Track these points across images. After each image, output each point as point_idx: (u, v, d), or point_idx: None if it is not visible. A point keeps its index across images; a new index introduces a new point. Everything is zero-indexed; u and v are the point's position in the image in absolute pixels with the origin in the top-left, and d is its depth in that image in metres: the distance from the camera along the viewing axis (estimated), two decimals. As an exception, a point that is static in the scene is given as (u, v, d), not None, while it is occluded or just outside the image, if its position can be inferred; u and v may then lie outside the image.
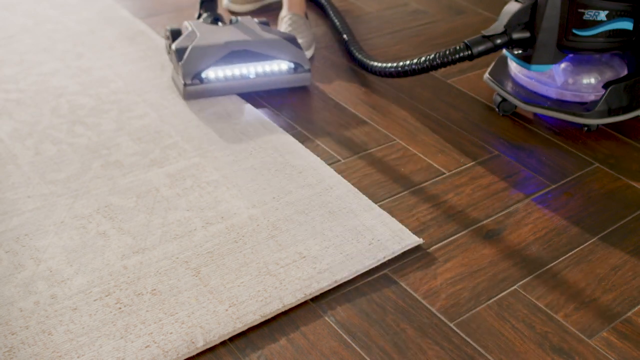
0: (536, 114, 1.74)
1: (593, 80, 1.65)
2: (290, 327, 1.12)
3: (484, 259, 1.28)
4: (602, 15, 1.55)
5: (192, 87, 1.68)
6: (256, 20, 1.88)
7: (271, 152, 1.53)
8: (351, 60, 1.96)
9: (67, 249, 1.24)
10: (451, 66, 1.88)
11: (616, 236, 1.35)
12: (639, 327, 1.15)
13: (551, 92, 1.67)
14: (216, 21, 1.83)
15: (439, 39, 2.14)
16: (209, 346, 1.08)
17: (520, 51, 1.64)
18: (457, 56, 1.61)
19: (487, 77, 1.77)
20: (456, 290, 1.21)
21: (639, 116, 1.72)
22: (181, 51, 1.69)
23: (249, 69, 1.73)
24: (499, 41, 1.60)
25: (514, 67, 1.74)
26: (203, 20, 1.84)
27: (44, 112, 1.64)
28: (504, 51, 1.75)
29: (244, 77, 1.73)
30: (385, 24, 2.22)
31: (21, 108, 1.65)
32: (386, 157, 1.56)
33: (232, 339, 1.10)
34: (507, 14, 1.60)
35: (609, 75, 1.66)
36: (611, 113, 1.62)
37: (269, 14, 2.22)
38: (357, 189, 1.43)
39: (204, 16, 1.85)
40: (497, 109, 1.74)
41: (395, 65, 1.70)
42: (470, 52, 1.60)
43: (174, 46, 1.72)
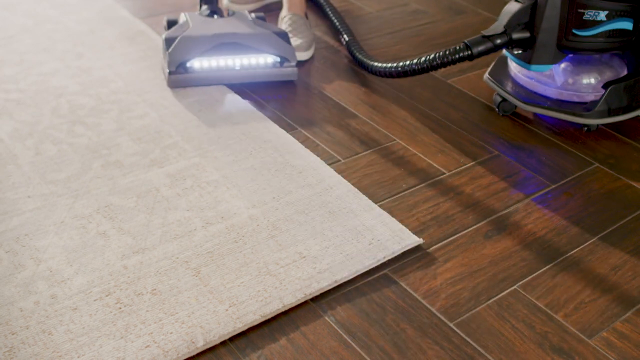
0: (536, 114, 1.74)
1: (593, 80, 1.65)
2: (290, 327, 1.13)
3: (484, 259, 1.28)
4: (602, 15, 1.55)
5: (176, 75, 1.74)
6: (253, 14, 1.91)
7: (271, 152, 1.53)
8: (352, 60, 1.97)
9: (67, 249, 1.24)
10: (451, 66, 1.89)
11: (616, 236, 1.35)
12: (639, 327, 1.15)
13: (551, 92, 1.67)
14: (212, 14, 1.86)
15: (439, 39, 2.14)
16: (209, 346, 1.08)
17: (520, 51, 1.64)
18: (457, 56, 1.61)
19: (487, 77, 1.77)
20: (456, 290, 1.21)
21: (639, 116, 1.72)
22: (170, 40, 1.74)
23: (234, 60, 1.77)
24: (498, 41, 1.60)
25: (513, 67, 1.74)
26: (200, 12, 1.88)
27: (44, 112, 1.64)
28: (504, 51, 1.75)
29: (229, 69, 1.77)
30: (385, 24, 2.22)
31: (21, 108, 1.65)
32: (386, 157, 1.56)
33: (232, 338, 1.10)
34: (507, 14, 1.60)
35: (609, 75, 1.66)
36: (611, 113, 1.62)
37: (269, 14, 2.22)
38: (357, 189, 1.43)
39: (202, 9, 1.89)
40: (497, 109, 1.74)
41: (395, 65, 1.70)
42: (470, 52, 1.60)
43: (164, 35, 1.77)
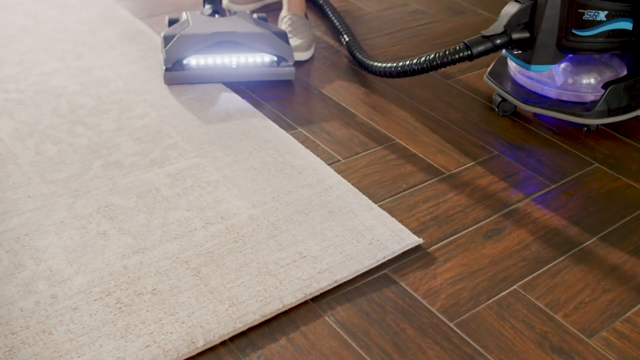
0: (536, 114, 1.74)
1: (593, 81, 1.65)
2: (290, 327, 1.13)
3: (483, 259, 1.28)
4: (602, 15, 1.55)
5: (172, 72, 1.76)
6: (255, 15, 1.92)
7: (271, 152, 1.53)
8: (352, 60, 1.97)
9: (68, 249, 1.24)
10: (451, 66, 1.89)
11: (616, 236, 1.35)
12: (638, 327, 1.15)
13: (551, 92, 1.67)
14: (214, 14, 1.87)
15: (439, 39, 2.14)
16: (209, 346, 1.08)
17: (520, 51, 1.64)
18: (457, 56, 1.61)
19: (487, 77, 1.77)
20: (456, 290, 1.21)
21: (638, 116, 1.72)
22: (168, 38, 1.76)
23: (231, 59, 1.77)
24: (498, 41, 1.60)
25: (513, 67, 1.74)
26: (202, 12, 1.89)
27: (44, 112, 1.64)
28: (504, 51, 1.75)
29: (225, 67, 1.78)
30: (385, 24, 2.22)
31: (21, 108, 1.65)
32: (386, 157, 1.56)
33: (233, 338, 1.10)
34: (507, 14, 1.60)
35: (609, 76, 1.66)
36: (611, 113, 1.62)
37: (269, 14, 2.22)
38: (357, 189, 1.43)
39: (205, 8, 1.90)
40: (497, 109, 1.74)
41: (395, 65, 1.70)
42: (470, 52, 1.60)
43: (163, 33, 1.78)
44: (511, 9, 1.60)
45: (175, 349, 1.06)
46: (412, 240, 1.29)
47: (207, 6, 1.89)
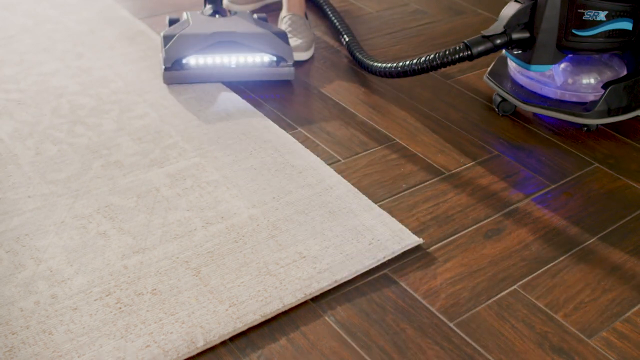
0: (536, 114, 1.74)
1: (592, 81, 1.65)
2: (290, 327, 1.13)
3: (483, 259, 1.28)
4: (602, 15, 1.55)
5: (171, 72, 1.76)
6: (255, 15, 1.92)
7: (271, 152, 1.53)
8: (352, 60, 1.97)
9: (68, 249, 1.24)
10: (451, 66, 1.89)
11: (616, 236, 1.35)
12: (638, 327, 1.15)
13: (551, 92, 1.67)
14: (215, 14, 1.87)
15: (439, 39, 2.14)
16: (209, 346, 1.08)
17: (520, 51, 1.64)
18: (457, 56, 1.61)
19: (486, 77, 1.77)
20: (456, 290, 1.21)
21: (638, 116, 1.72)
22: (168, 38, 1.76)
23: (230, 58, 1.78)
24: (498, 41, 1.60)
25: (513, 67, 1.74)
26: (203, 12, 1.89)
27: (44, 112, 1.64)
28: (504, 51, 1.75)
29: (224, 66, 1.78)
30: (385, 24, 2.22)
31: (22, 108, 1.65)
32: (386, 157, 1.56)
33: (233, 338, 1.10)
34: (507, 14, 1.60)
35: (609, 76, 1.66)
36: (610, 113, 1.62)
37: (269, 14, 2.22)
38: (357, 189, 1.43)
39: (206, 8, 1.90)
40: (496, 109, 1.74)
41: (395, 65, 1.70)
42: (470, 52, 1.60)
43: (163, 33, 1.79)
44: (511, 9, 1.60)
45: (175, 349, 1.06)
46: (412, 240, 1.30)
47: (208, 6, 1.90)
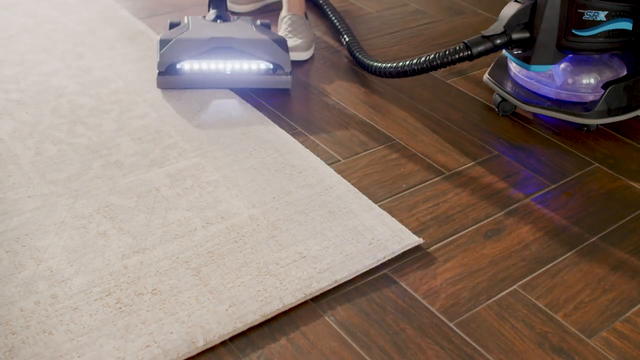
0: (536, 114, 1.74)
1: (592, 81, 1.65)
2: (290, 327, 1.13)
3: (483, 259, 1.28)
4: (602, 15, 1.55)
5: (165, 76, 1.74)
6: (258, 21, 1.89)
7: (271, 152, 1.53)
8: (352, 60, 1.97)
9: (68, 249, 1.24)
10: (451, 66, 1.89)
11: (616, 236, 1.35)
12: (638, 327, 1.15)
13: (551, 92, 1.67)
14: (217, 19, 1.85)
15: (439, 39, 2.14)
16: (209, 346, 1.08)
17: (519, 51, 1.64)
18: (457, 56, 1.61)
19: (486, 78, 1.77)
20: (456, 290, 1.21)
21: (638, 116, 1.72)
22: (164, 42, 1.74)
23: (225, 65, 1.75)
24: (498, 41, 1.60)
25: (513, 67, 1.74)
26: (205, 16, 1.86)
27: (44, 112, 1.64)
28: (504, 51, 1.75)
29: (219, 73, 1.76)
30: (385, 24, 2.22)
31: (22, 108, 1.65)
32: (386, 157, 1.56)
33: (233, 338, 1.10)
34: (507, 14, 1.60)
35: (609, 76, 1.66)
36: (610, 113, 1.62)
37: (269, 14, 2.22)
38: (357, 189, 1.43)
39: (209, 13, 1.88)
40: (496, 109, 1.74)
41: (395, 65, 1.70)
42: (470, 52, 1.60)
43: (159, 36, 1.77)
44: (511, 9, 1.60)
45: (175, 349, 1.06)
46: (412, 240, 1.30)
47: (212, 11, 1.87)
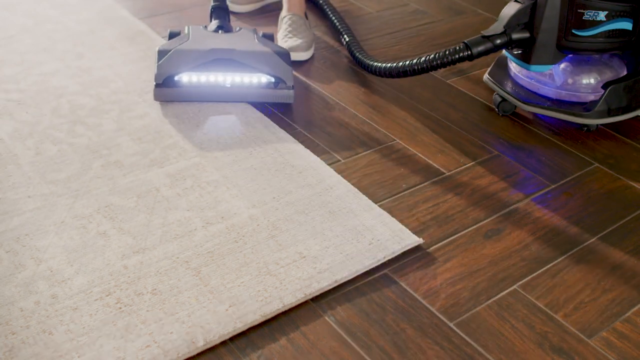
0: (536, 114, 1.74)
1: (592, 81, 1.65)
2: (291, 327, 1.13)
3: (483, 259, 1.28)
4: (602, 15, 1.55)
5: (162, 88, 1.68)
6: (260, 32, 1.84)
7: (271, 152, 1.53)
8: (352, 60, 1.97)
9: (68, 249, 1.24)
10: (451, 66, 1.89)
11: (616, 236, 1.35)
12: (638, 327, 1.15)
13: (551, 92, 1.67)
14: (218, 30, 1.78)
15: (439, 39, 2.14)
16: (209, 346, 1.08)
17: (519, 51, 1.64)
18: (457, 56, 1.61)
19: (486, 78, 1.77)
20: (456, 290, 1.21)
21: (638, 116, 1.72)
22: (162, 53, 1.67)
23: (225, 77, 1.69)
24: (498, 41, 1.60)
25: (513, 67, 1.74)
26: (206, 26, 1.81)
27: (44, 112, 1.64)
28: (504, 51, 1.75)
29: (219, 86, 1.69)
30: (385, 24, 2.22)
31: (22, 108, 1.65)
32: (386, 157, 1.56)
33: (233, 338, 1.10)
34: (507, 14, 1.60)
35: (609, 76, 1.66)
36: (610, 113, 1.62)
37: (269, 14, 2.22)
38: (357, 189, 1.43)
39: (211, 23, 1.82)
40: (496, 109, 1.74)
41: (395, 65, 1.70)
42: (470, 52, 1.60)
43: (158, 47, 1.70)
44: (511, 9, 1.60)
45: (176, 349, 1.06)
46: (412, 240, 1.30)
47: (214, 21, 1.81)
